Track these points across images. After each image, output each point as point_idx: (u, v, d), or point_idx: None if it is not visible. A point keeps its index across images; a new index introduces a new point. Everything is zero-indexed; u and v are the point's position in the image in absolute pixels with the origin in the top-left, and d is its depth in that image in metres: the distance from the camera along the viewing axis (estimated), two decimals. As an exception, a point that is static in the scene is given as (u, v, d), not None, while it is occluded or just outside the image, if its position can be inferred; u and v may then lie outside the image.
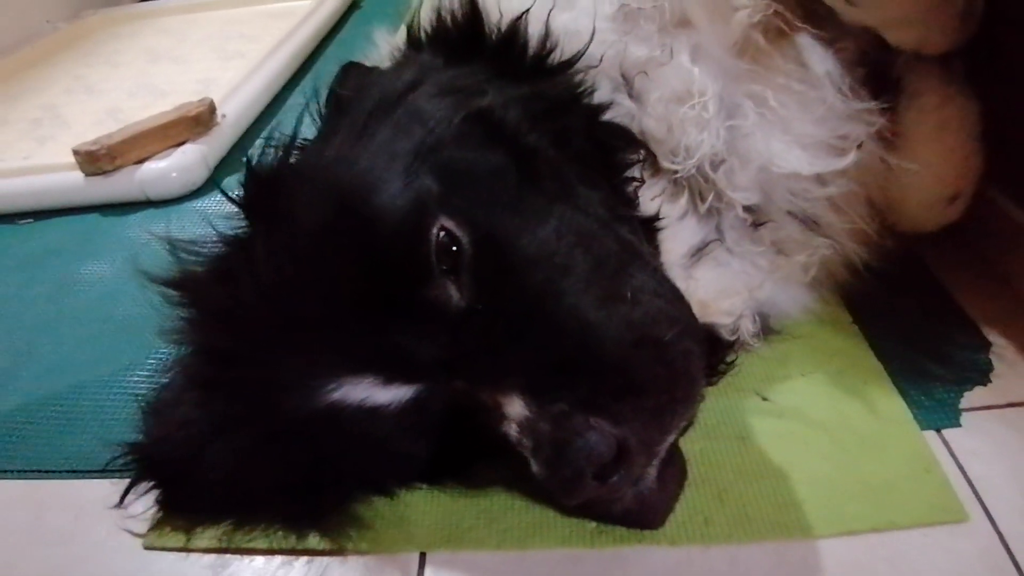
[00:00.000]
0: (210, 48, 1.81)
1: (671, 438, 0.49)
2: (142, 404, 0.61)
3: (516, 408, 0.47)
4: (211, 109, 1.22)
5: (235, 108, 1.32)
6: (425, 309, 0.50)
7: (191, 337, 0.58)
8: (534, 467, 0.48)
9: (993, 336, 0.70)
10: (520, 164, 0.54)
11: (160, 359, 0.77)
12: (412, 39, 0.66)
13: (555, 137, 0.57)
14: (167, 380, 0.62)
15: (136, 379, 0.78)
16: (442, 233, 0.49)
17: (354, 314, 0.50)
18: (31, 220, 1.17)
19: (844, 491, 0.57)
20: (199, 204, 1.14)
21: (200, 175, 1.18)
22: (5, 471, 0.69)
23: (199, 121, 1.20)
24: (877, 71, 0.64)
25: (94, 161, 1.12)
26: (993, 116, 0.68)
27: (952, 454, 0.60)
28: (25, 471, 0.69)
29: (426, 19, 0.65)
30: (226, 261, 0.57)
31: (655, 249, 0.61)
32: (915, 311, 0.73)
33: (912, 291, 0.75)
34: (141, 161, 1.16)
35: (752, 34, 0.60)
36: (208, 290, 0.56)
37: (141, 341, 0.83)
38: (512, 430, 0.48)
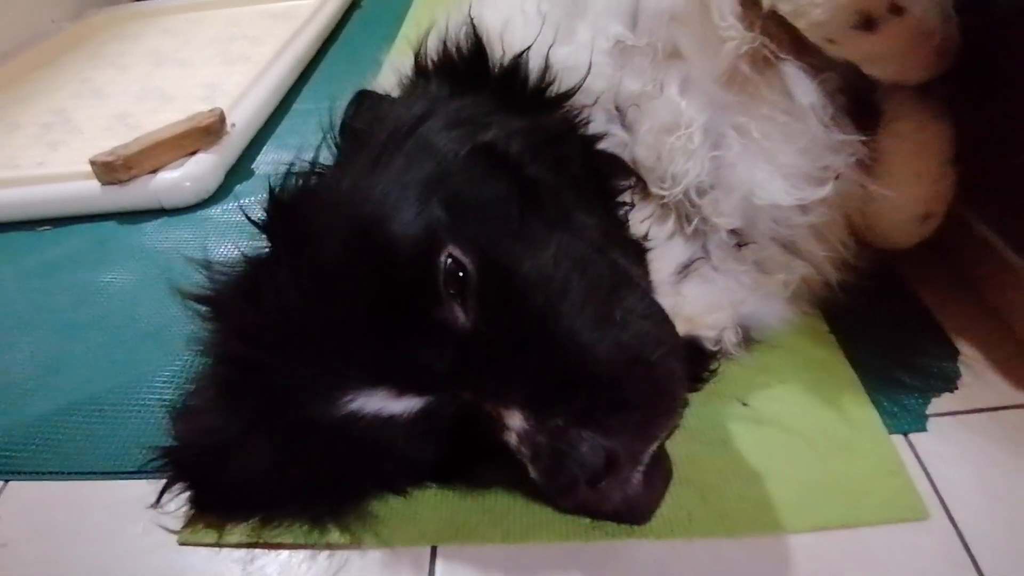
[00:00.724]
0: (215, 51, 1.81)
1: (655, 446, 0.53)
2: (171, 409, 0.65)
3: (516, 421, 0.51)
4: (221, 119, 1.25)
5: (243, 116, 1.34)
6: (434, 328, 0.54)
7: (219, 348, 0.62)
8: (532, 473, 0.53)
9: (962, 345, 0.74)
10: (522, 193, 0.57)
11: (184, 364, 0.82)
12: (420, 68, 0.69)
13: (554, 166, 0.61)
14: (195, 388, 0.66)
15: (162, 383, 0.82)
16: (449, 260, 0.53)
17: (370, 332, 0.54)
18: (49, 227, 1.20)
19: (816, 491, 0.61)
20: (212, 212, 1.18)
21: (212, 184, 1.21)
22: (45, 472, 0.74)
23: (210, 131, 1.23)
24: (858, 98, 0.67)
25: (111, 171, 1.16)
26: (974, 132, 0.68)
27: (917, 457, 0.64)
28: (63, 472, 0.73)
29: (433, 49, 0.68)
30: (251, 280, 0.60)
31: (645, 269, 0.64)
32: (890, 322, 0.77)
33: (887, 302, 0.78)
34: (155, 171, 1.19)
35: (740, 64, 0.63)
36: (236, 306, 0.60)
37: (164, 346, 0.87)
38: (512, 440, 0.52)
